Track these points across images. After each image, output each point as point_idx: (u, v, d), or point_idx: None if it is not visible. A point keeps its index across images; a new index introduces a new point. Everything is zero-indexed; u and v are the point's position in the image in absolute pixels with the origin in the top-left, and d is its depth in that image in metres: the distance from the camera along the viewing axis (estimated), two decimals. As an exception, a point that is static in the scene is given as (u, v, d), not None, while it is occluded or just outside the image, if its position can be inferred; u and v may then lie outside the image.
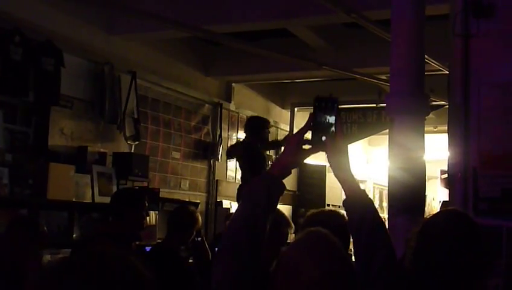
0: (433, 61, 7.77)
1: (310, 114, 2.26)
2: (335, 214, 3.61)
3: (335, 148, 2.22)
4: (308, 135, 2.26)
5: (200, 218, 5.70)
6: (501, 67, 3.82)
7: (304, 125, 2.25)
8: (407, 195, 3.79)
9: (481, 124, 3.85)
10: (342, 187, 2.26)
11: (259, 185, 2.17)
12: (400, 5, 4.07)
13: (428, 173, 3.87)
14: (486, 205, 3.83)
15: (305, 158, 2.28)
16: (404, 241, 2.49)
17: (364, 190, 2.31)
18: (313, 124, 2.19)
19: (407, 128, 3.68)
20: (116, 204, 5.00)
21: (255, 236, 2.05)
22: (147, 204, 5.02)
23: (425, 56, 4.34)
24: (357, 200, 2.25)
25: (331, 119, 2.18)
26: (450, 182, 4.00)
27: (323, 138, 2.19)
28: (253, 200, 2.13)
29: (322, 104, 2.20)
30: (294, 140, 2.25)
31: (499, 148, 3.81)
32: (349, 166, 2.25)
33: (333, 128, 2.18)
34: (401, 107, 3.70)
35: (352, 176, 2.26)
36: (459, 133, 3.86)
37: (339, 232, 2.69)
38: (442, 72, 8.52)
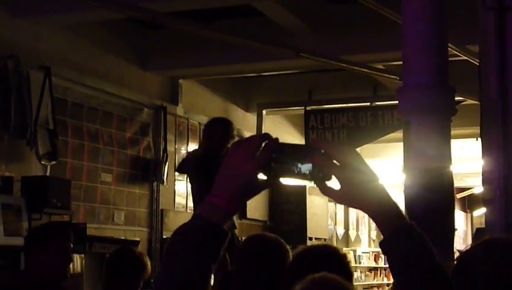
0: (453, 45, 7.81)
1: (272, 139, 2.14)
2: (330, 249, 3.62)
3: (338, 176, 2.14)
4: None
5: (149, 264, 5.64)
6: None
7: (268, 146, 2.13)
8: (430, 220, 3.78)
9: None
10: (374, 220, 2.18)
11: (191, 236, 2.09)
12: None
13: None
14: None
15: (256, 194, 2.20)
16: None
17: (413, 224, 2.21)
18: (275, 162, 2.11)
19: (429, 132, 3.66)
20: (29, 245, 4.95)
21: None
22: (71, 239, 4.96)
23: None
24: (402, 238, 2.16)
25: (305, 168, 2.11)
26: (485, 201, 4.00)
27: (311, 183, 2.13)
28: (183, 257, 2.07)
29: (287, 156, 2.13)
30: (249, 154, 2.14)
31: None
32: (372, 181, 2.16)
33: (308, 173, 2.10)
34: (420, 104, 3.68)
35: (386, 194, 2.17)
36: (496, 139, 3.85)
37: (342, 273, 2.64)
38: (461, 58, 8.61)
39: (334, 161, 2.05)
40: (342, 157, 2.05)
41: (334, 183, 2.11)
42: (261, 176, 2.07)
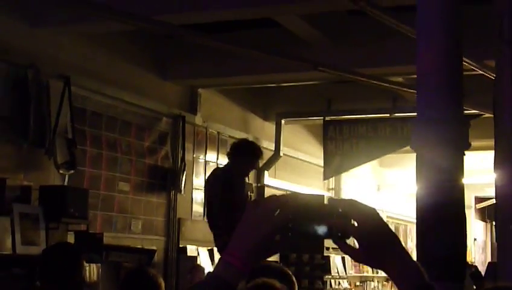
0: (467, 60, 7.80)
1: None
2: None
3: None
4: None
5: (163, 285, 5.64)
6: None
7: (285, 208, 2.14)
8: (441, 231, 3.78)
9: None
10: (394, 281, 2.19)
11: None
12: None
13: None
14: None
15: (273, 255, 2.22)
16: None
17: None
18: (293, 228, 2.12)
19: (442, 165, 3.66)
20: (46, 264, 4.99)
21: None
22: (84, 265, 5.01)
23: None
24: None
25: (321, 230, 2.12)
26: (500, 235, 3.99)
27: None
28: None
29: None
30: (267, 215, 2.15)
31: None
32: (392, 243, 2.16)
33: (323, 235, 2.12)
34: (434, 139, 3.68)
35: (406, 254, 2.18)
36: (509, 173, 3.85)
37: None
38: (475, 72, 8.59)
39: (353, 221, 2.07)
40: (361, 218, 2.06)
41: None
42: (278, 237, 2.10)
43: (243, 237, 2.09)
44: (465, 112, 10.79)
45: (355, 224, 2.05)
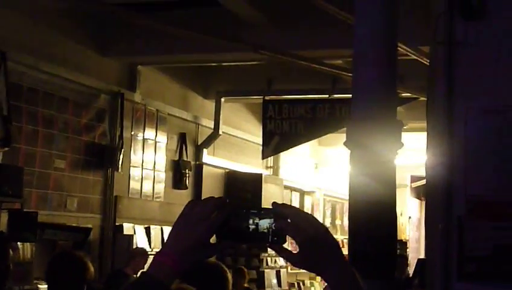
0: (404, 46, 7.87)
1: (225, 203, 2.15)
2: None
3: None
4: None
5: (91, 267, 5.60)
6: (496, 86, 3.85)
7: (223, 210, 2.13)
8: (372, 211, 3.81)
9: (469, 160, 3.89)
10: (330, 286, 2.20)
11: None
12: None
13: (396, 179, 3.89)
14: (474, 265, 3.87)
15: (209, 256, 2.22)
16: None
17: None
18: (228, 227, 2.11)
19: (373, 165, 3.70)
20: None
21: None
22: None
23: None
24: None
25: (263, 223, 2.10)
26: (428, 236, 4.03)
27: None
28: None
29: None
30: (204, 216, 2.14)
31: (491, 191, 3.86)
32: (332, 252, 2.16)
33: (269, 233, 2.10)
34: (366, 138, 3.71)
35: (344, 263, 2.19)
36: (441, 173, 3.89)
37: None
38: (410, 57, 8.68)
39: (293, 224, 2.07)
40: (303, 224, 2.05)
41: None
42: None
43: (178, 237, 2.08)
44: (403, 94, 10.99)
45: (297, 229, 2.06)
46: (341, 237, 16.65)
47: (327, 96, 12.24)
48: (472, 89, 3.93)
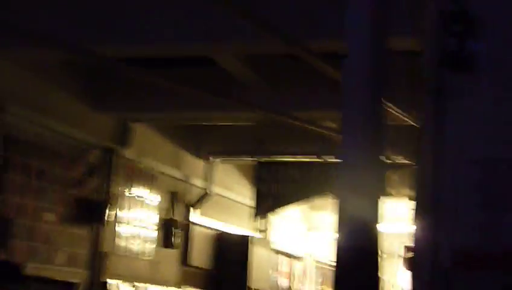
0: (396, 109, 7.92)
1: None
2: None
3: None
4: None
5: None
6: (484, 137, 3.86)
7: None
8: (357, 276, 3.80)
9: (457, 211, 3.87)
10: None
11: None
12: (357, 34, 4.10)
13: (388, 249, 3.87)
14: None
15: None
16: None
17: None
18: None
19: (358, 212, 3.70)
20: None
21: None
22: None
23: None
24: None
25: None
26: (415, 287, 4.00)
27: None
28: None
29: None
30: None
31: (479, 242, 3.84)
32: None
33: None
34: (352, 185, 3.72)
35: None
36: (428, 223, 3.88)
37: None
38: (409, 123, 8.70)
39: None
40: None
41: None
42: None
43: None
44: (397, 161, 10.98)
45: None
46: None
47: (316, 157, 12.26)
48: (460, 140, 3.94)
